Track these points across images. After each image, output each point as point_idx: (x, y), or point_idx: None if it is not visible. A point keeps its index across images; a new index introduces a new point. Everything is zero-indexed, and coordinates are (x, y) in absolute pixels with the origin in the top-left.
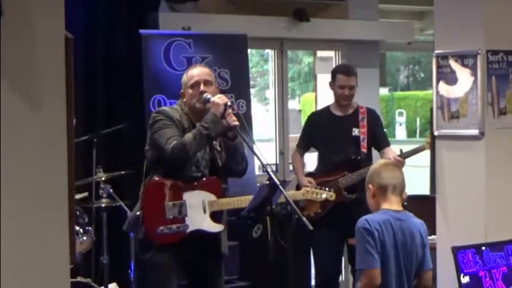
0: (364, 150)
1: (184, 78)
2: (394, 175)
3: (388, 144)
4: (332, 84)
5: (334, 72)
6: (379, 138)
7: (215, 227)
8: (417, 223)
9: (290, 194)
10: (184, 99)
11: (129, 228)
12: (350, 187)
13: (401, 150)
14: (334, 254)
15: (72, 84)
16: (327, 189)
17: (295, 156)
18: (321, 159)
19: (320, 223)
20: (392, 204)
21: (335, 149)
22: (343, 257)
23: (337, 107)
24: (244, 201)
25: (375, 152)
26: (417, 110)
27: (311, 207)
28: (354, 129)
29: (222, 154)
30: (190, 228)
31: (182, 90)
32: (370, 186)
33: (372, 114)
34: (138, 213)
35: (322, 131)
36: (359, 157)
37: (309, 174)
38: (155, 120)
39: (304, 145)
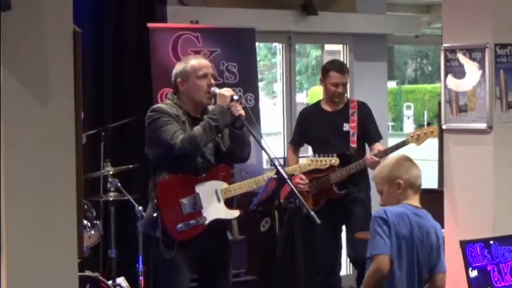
0: (353, 145)
1: (186, 67)
2: (419, 173)
3: (377, 139)
4: (323, 80)
5: (327, 69)
6: (368, 133)
7: (232, 213)
8: (434, 224)
9: (297, 166)
10: (182, 89)
11: (147, 229)
12: (340, 183)
13: (378, 150)
14: (331, 248)
15: (80, 78)
16: (329, 155)
17: (288, 152)
18: (314, 154)
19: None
20: (413, 201)
21: (326, 144)
22: (342, 252)
23: (327, 102)
24: (254, 182)
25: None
26: (425, 103)
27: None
28: (344, 124)
29: (224, 139)
30: (209, 219)
31: (180, 79)
32: (401, 181)
33: (362, 108)
34: (154, 214)
35: (313, 126)
36: (348, 152)
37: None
38: (154, 119)
39: (296, 141)
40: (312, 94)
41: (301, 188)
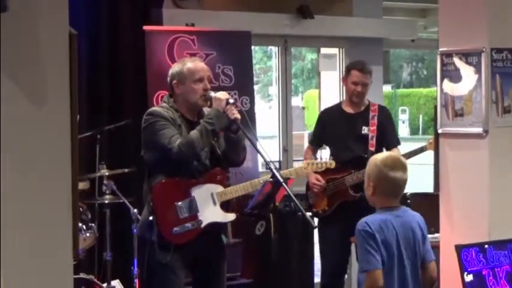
0: (372, 148)
1: (183, 70)
2: (399, 176)
3: (395, 144)
4: (345, 79)
5: (349, 68)
6: (387, 137)
7: (228, 217)
8: (415, 216)
9: (292, 169)
10: (178, 92)
11: (142, 233)
12: (356, 185)
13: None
14: (340, 252)
15: (76, 80)
16: (326, 158)
17: (307, 153)
18: (331, 156)
19: (327, 221)
20: (391, 202)
21: (344, 146)
22: (350, 256)
23: (348, 104)
24: (250, 186)
25: None
26: (420, 108)
27: (319, 204)
28: (363, 127)
29: (219, 142)
30: (205, 223)
31: (175, 81)
32: (372, 184)
33: (383, 112)
34: (150, 218)
35: (332, 128)
36: (366, 155)
37: (318, 171)
38: (150, 123)
39: (315, 142)
40: (307, 97)
41: (317, 189)
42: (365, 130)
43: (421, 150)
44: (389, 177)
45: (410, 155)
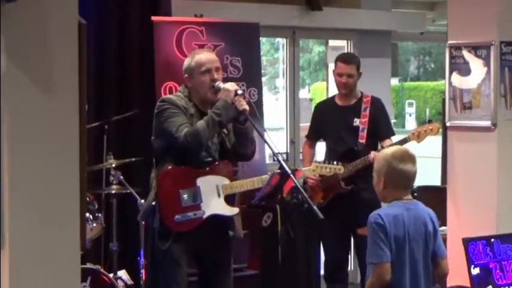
0: (362, 141)
1: (191, 63)
2: (408, 168)
3: (388, 135)
4: (334, 72)
5: (335, 60)
6: (379, 129)
7: (231, 210)
8: (426, 210)
9: (301, 171)
10: (190, 85)
11: (144, 218)
12: (347, 178)
13: (382, 146)
14: (339, 244)
15: (85, 70)
16: (335, 163)
17: (304, 147)
18: (327, 149)
19: (323, 214)
20: (403, 195)
21: (337, 139)
22: (350, 247)
23: (340, 96)
24: (257, 182)
25: None
26: (427, 101)
27: (314, 197)
28: (355, 119)
29: (230, 136)
30: (207, 214)
31: (186, 75)
32: (382, 178)
33: (375, 103)
34: (153, 203)
35: (326, 121)
36: (356, 148)
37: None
38: (162, 109)
39: (312, 136)
40: (314, 90)
41: (312, 183)
42: (356, 122)
43: (404, 141)
44: (399, 170)
45: (393, 146)
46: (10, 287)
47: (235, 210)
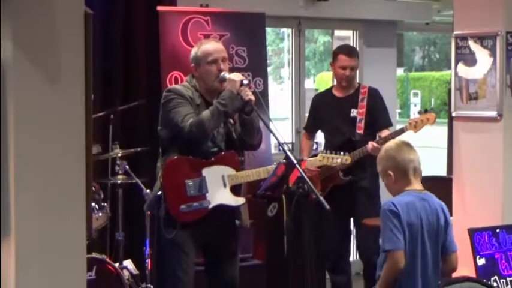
0: (359, 131)
1: (198, 53)
2: (410, 157)
3: (386, 125)
4: (333, 64)
5: (336, 53)
6: (377, 119)
7: (237, 201)
8: (440, 203)
9: (308, 161)
10: (197, 75)
11: (150, 207)
12: (345, 169)
13: (379, 136)
14: (338, 234)
15: (91, 60)
16: (341, 153)
17: (302, 138)
18: (325, 140)
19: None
20: (414, 185)
21: (335, 130)
22: (351, 237)
23: (338, 87)
24: (263, 172)
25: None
26: (432, 91)
27: None
28: (352, 110)
29: (236, 126)
30: (212, 204)
31: (193, 65)
32: (390, 172)
33: (373, 94)
34: (159, 192)
35: (323, 112)
36: (353, 138)
37: (314, 156)
38: (168, 99)
39: (310, 127)
40: (319, 80)
41: (311, 173)
42: (353, 113)
43: (401, 131)
44: (402, 158)
45: (392, 136)
46: (16, 275)
47: (240, 201)
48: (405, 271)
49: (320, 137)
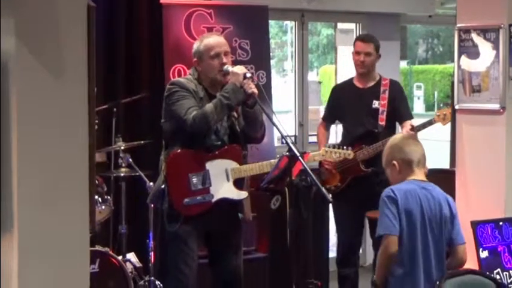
0: (382, 123)
1: (200, 47)
2: (416, 149)
3: (409, 117)
4: (352, 53)
5: (354, 41)
6: (399, 111)
7: (240, 194)
8: (445, 195)
9: (311, 155)
10: (199, 69)
11: (153, 201)
12: (367, 160)
13: (412, 126)
14: (354, 227)
15: (94, 53)
16: (345, 148)
17: (319, 128)
18: (344, 131)
19: (340, 197)
20: (417, 175)
21: (356, 121)
22: (363, 231)
23: (358, 78)
24: (266, 166)
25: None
26: (435, 84)
27: (331, 180)
28: (374, 101)
29: (239, 120)
30: (216, 197)
31: (196, 59)
32: (395, 162)
33: (394, 86)
34: (162, 186)
35: (344, 103)
36: (376, 130)
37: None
38: (171, 92)
39: (328, 118)
40: (322, 73)
41: (329, 165)
42: (375, 104)
43: (429, 123)
44: (406, 149)
45: (419, 128)
46: (19, 268)
47: (244, 194)
48: (405, 256)
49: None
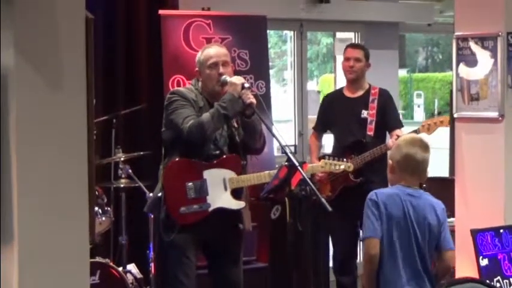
0: (370, 133)
1: (201, 57)
2: (417, 155)
3: (398, 126)
4: (342, 61)
5: (344, 49)
6: (388, 120)
7: (237, 204)
8: (432, 201)
9: (310, 166)
10: (200, 79)
11: (150, 209)
12: (356, 170)
13: (397, 136)
14: (347, 236)
15: (93, 64)
16: (344, 160)
17: (311, 138)
18: (334, 141)
19: (332, 206)
20: (408, 181)
21: (345, 131)
22: (358, 239)
23: (348, 87)
24: (264, 177)
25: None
26: (435, 92)
27: (322, 190)
28: (363, 111)
29: (239, 130)
30: (212, 207)
31: (197, 69)
32: (390, 161)
33: (383, 95)
34: (159, 194)
35: (333, 112)
36: (364, 140)
37: (322, 157)
38: (171, 101)
39: (319, 127)
40: (322, 82)
41: (319, 176)
42: (364, 114)
43: (415, 133)
44: (405, 153)
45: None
46: (19, 280)
47: (241, 204)
48: (385, 260)
49: (324, 138)
